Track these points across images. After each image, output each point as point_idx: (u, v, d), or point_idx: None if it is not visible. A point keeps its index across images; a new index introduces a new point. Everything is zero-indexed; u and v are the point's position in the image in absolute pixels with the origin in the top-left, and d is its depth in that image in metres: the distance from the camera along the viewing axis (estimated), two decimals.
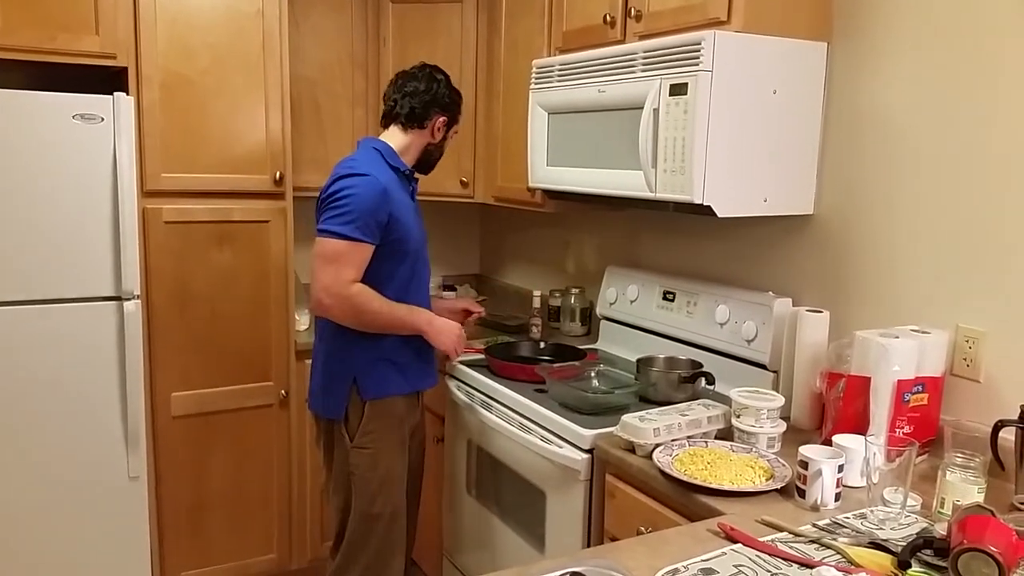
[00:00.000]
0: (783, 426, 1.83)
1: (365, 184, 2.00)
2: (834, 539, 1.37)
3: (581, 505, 1.96)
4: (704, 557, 1.31)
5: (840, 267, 2.08)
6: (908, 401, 1.73)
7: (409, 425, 2.23)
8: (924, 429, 1.76)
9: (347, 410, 2.12)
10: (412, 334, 2.14)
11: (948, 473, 1.49)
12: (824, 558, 1.31)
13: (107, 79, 2.59)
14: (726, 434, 1.89)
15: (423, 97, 2.17)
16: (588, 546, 1.96)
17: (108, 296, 2.44)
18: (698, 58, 1.86)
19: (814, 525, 1.44)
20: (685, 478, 1.63)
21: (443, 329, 2.17)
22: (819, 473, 1.51)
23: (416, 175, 2.25)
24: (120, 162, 2.38)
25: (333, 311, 2.03)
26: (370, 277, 2.04)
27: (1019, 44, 1.68)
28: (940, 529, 1.35)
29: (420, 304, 2.18)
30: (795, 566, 1.29)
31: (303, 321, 2.98)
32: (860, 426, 1.73)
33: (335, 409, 2.14)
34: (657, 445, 1.78)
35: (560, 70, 2.34)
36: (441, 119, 2.20)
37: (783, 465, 1.68)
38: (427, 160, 2.25)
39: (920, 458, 1.75)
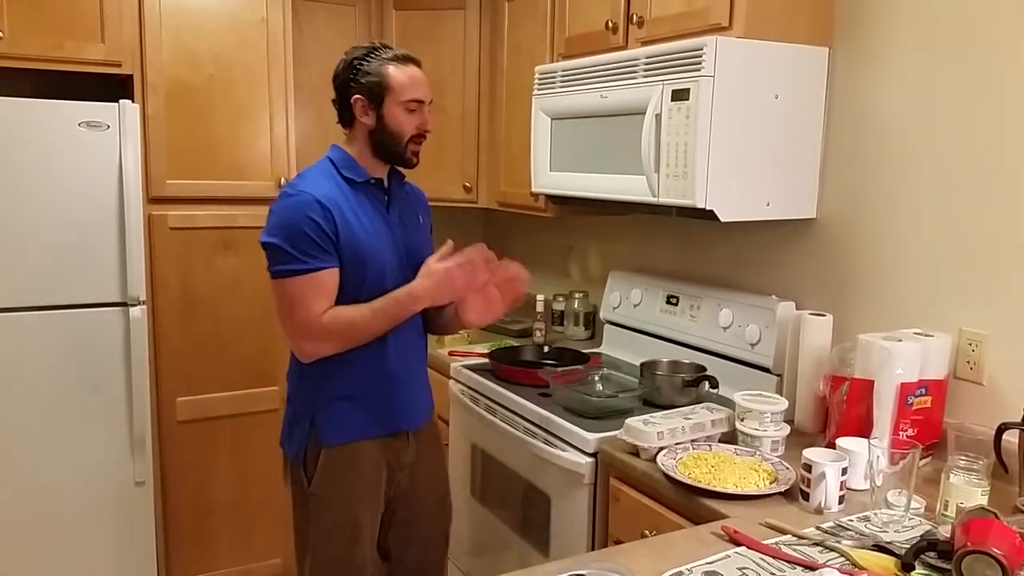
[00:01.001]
0: (787, 429, 1.83)
1: (294, 207, 1.74)
2: (838, 542, 1.38)
3: (585, 509, 1.97)
4: (708, 560, 1.32)
5: (843, 271, 2.09)
6: (911, 404, 1.73)
7: (391, 469, 1.94)
8: (927, 432, 1.76)
9: (306, 452, 1.87)
10: (412, 313, 1.84)
11: (952, 476, 1.49)
12: (828, 561, 1.31)
13: (112, 87, 2.61)
14: (730, 437, 1.89)
15: (336, 88, 1.86)
16: (592, 549, 1.96)
17: (114, 302, 2.45)
18: (700, 64, 1.87)
19: (818, 528, 1.44)
20: (689, 481, 1.63)
21: (429, 284, 1.80)
22: (823, 476, 1.52)
23: (403, 178, 1.97)
24: (126, 169, 2.40)
25: (320, 349, 1.79)
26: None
27: (1020, 47, 1.68)
28: (944, 531, 1.35)
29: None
30: (799, 569, 1.29)
31: None
32: (864, 429, 1.73)
33: (295, 451, 1.89)
34: (661, 448, 1.78)
35: (563, 76, 2.35)
36: (357, 99, 1.82)
37: (787, 468, 1.69)
38: (383, 151, 1.85)
39: (924, 461, 1.75)
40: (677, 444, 1.81)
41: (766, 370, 2.17)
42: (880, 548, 1.34)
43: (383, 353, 1.86)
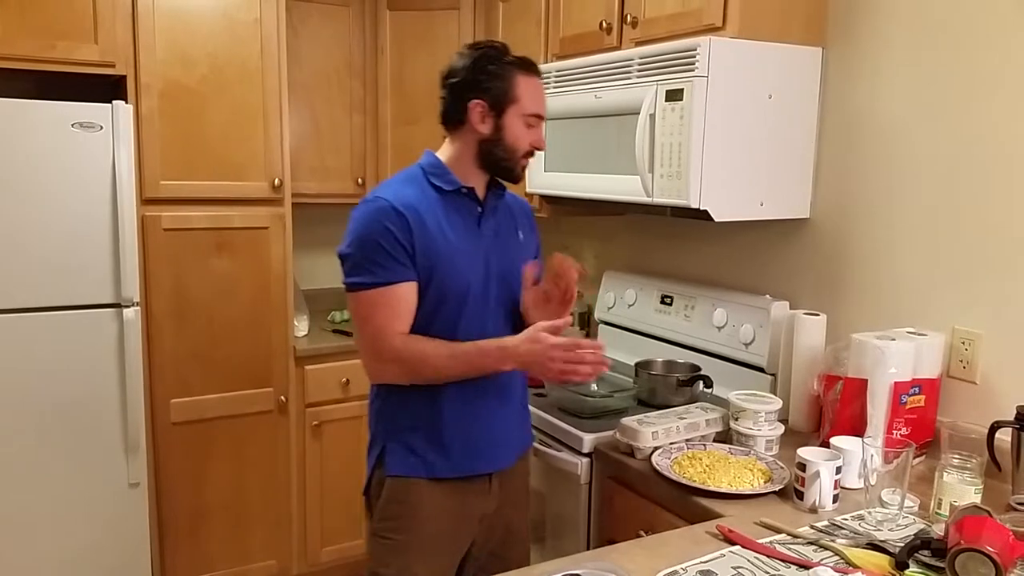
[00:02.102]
0: (781, 428, 1.84)
1: (368, 214, 1.58)
2: (832, 540, 1.38)
3: (581, 508, 1.97)
4: (703, 559, 1.32)
5: (837, 270, 2.09)
6: (905, 403, 1.74)
7: (469, 516, 1.70)
8: (921, 431, 1.77)
9: (371, 481, 1.72)
10: (496, 371, 1.62)
11: (945, 474, 1.50)
12: (822, 559, 1.31)
13: (106, 87, 2.60)
14: (724, 437, 1.89)
15: (450, 86, 1.65)
16: (588, 549, 1.96)
17: (107, 303, 2.44)
18: (694, 64, 1.87)
19: (812, 527, 1.44)
20: (684, 481, 1.64)
21: (525, 353, 1.56)
22: (817, 475, 1.52)
23: (503, 188, 1.75)
24: (119, 170, 2.39)
25: (385, 372, 1.64)
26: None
27: (1013, 47, 1.69)
28: (937, 530, 1.36)
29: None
30: (793, 567, 1.29)
31: (302, 327, 2.98)
32: (857, 428, 1.74)
33: (366, 478, 1.73)
34: (656, 448, 1.78)
35: (557, 77, 2.35)
36: (477, 104, 1.61)
37: (781, 467, 1.69)
38: (492, 162, 1.66)
39: (917, 459, 1.75)
40: (672, 444, 1.81)
41: (760, 370, 2.17)
42: (874, 547, 1.34)
43: (476, 379, 1.64)
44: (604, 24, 2.26)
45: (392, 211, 1.56)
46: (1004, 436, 1.60)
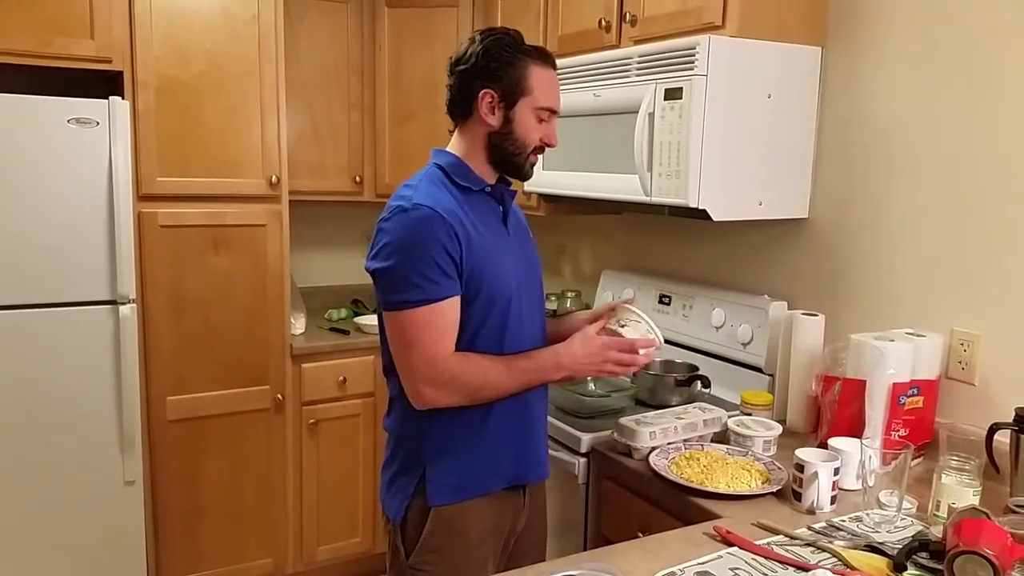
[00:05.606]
0: (779, 429, 1.83)
1: (413, 223, 1.45)
2: (830, 542, 1.37)
3: (578, 509, 1.96)
4: (700, 560, 1.32)
5: (835, 270, 2.09)
6: (903, 404, 1.73)
7: (504, 534, 1.64)
8: (919, 432, 1.76)
9: (407, 513, 1.57)
10: (546, 382, 1.59)
11: (943, 476, 1.49)
12: (820, 561, 1.31)
13: (102, 83, 2.59)
14: (722, 437, 1.89)
15: (458, 73, 1.54)
16: (585, 549, 1.96)
17: (103, 300, 2.44)
18: (693, 62, 1.87)
19: (810, 528, 1.44)
20: (681, 481, 1.63)
21: (581, 356, 1.55)
22: (815, 476, 1.52)
23: (511, 185, 1.66)
24: (115, 166, 2.38)
25: (440, 397, 1.49)
26: None
27: (1012, 48, 1.69)
28: (935, 532, 1.36)
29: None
30: (791, 569, 1.29)
31: (299, 325, 2.98)
32: (856, 429, 1.73)
33: (395, 511, 1.59)
34: (653, 448, 1.78)
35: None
36: (486, 93, 1.52)
37: (779, 468, 1.69)
38: (501, 157, 1.57)
39: (915, 461, 1.75)
40: (669, 444, 1.80)
41: (758, 370, 2.17)
42: (872, 548, 1.34)
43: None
44: (603, 22, 2.26)
45: (439, 219, 1.44)
46: (1003, 438, 1.59)
